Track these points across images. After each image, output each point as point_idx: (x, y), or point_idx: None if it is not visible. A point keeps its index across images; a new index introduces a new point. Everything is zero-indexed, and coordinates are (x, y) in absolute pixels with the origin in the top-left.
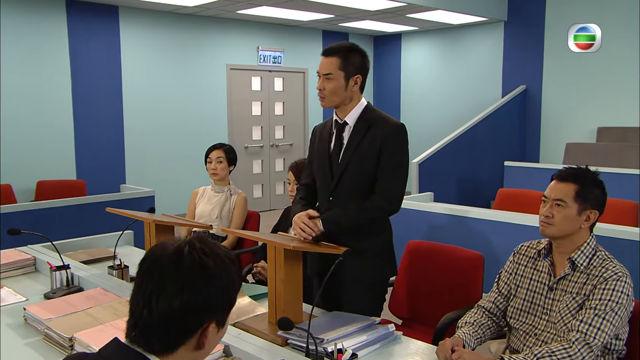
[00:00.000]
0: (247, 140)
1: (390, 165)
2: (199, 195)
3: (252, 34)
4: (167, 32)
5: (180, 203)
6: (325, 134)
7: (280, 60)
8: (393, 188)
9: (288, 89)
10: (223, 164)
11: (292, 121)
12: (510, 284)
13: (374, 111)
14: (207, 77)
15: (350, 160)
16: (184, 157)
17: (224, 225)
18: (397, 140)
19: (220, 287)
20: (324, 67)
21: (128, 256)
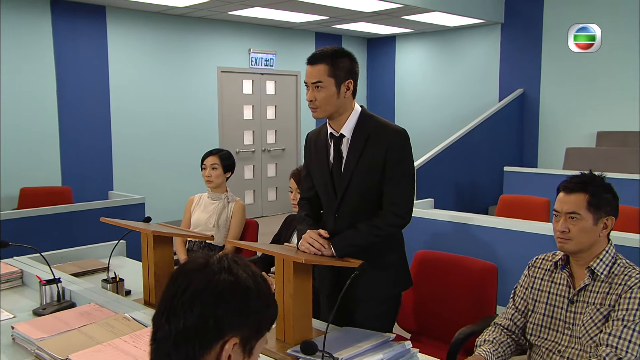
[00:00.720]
0: (239, 145)
1: (395, 175)
2: (195, 203)
3: (243, 36)
4: (156, 33)
5: (171, 210)
6: (322, 145)
7: (272, 63)
8: (401, 200)
9: (280, 93)
10: (218, 170)
11: (284, 125)
12: (527, 299)
13: (371, 118)
14: (197, 80)
15: (353, 175)
16: (174, 162)
17: (221, 234)
18: (401, 148)
19: (252, 305)
20: (311, 75)
21: (121, 268)
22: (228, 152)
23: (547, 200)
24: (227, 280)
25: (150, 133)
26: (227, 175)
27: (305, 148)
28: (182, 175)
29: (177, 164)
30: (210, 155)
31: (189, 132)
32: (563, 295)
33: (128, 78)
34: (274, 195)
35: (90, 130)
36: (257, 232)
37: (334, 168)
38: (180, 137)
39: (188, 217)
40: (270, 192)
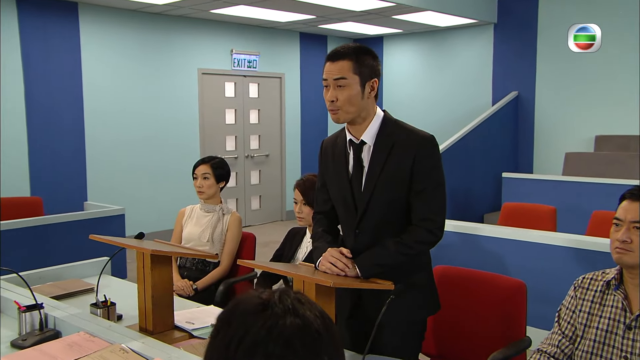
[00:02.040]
0: (221, 150)
1: (426, 187)
2: (186, 215)
3: (225, 36)
4: (133, 32)
5: (151, 222)
6: (339, 154)
7: (255, 64)
8: (433, 215)
9: (264, 96)
10: (210, 180)
11: (268, 130)
12: (574, 323)
13: (396, 123)
14: (177, 82)
15: (376, 187)
16: (152, 170)
17: (215, 249)
18: (430, 157)
19: (323, 353)
20: (333, 72)
21: (107, 288)
22: (221, 160)
23: (553, 209)
24: (294, 324)
25: (127, 138)
26: (220, 185)
27: (319, 156)
28: (162, 184)
29: (156, 172)
30: (202, 164)
31: (169, 138)
32: (618, 319)
33: (103, 80)
34: (258, 203)
35: (61, 135)
36: (255, 246)
37: (354, 179)
38: (159, 143)
39: (179, 231)
40: (254, 201)
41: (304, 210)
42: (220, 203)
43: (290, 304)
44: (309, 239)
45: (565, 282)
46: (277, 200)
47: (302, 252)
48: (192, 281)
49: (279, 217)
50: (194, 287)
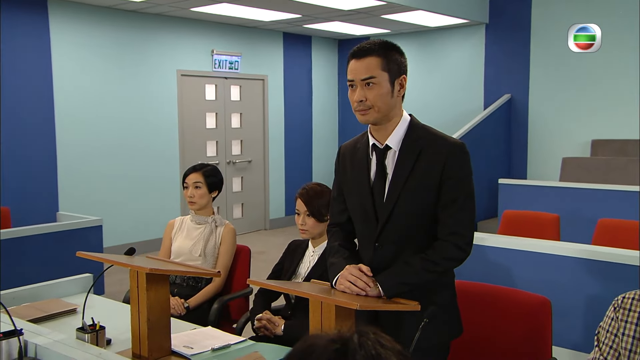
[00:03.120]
0: (201, 156)
1: (456, 198)
2: (176, 227)
3: (205, 36)
4: (107, 30)
5: (128, 233)
6: (360, 160)
7: (237, 65)
8: (463, 228)
9: (246, 99)
10: (202, 190)
11: (250, 135)
12: (618, 348)
13: (424, 128)
14: (154, 84)
15: (400, 197)
16: (129, 177)
17: (208, 264)
18: (461, 165)
19: None
20: (360, 71)
21: (91, 309)
22: (214, 168)
23: (556, 217)
24: None
25: (101, 144)
26: (213, 195)
27: (336, 163)
28: (139, 192)
29: (133, 179)
30: (193, 172)
31: (146, 143)
32: None
33: (75, 81)
34: (240, 212)
35: (30, 140)
36: (250, 260)
37: (376, 187)
38: (135, 149)
39: (168, 245)
40: (236, 209)
41: (308, 222)
42: (213, 214)
43: (372, 348)
44: (312, 252)
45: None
46: (260, 209)
47: (304, 267)
48: (184, 299)
49: (262, 226)
50: (186, 305)
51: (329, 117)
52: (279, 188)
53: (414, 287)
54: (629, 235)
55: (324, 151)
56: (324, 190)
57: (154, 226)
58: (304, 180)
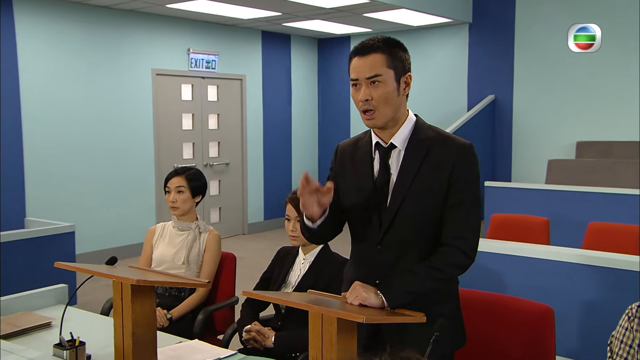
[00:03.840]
0: (177, 159)
1: (463, 201)
2: (157, 234)
3: (181, 34)
4: (78, 27)
5: (100, 239)
6: (362, 159)
7: (214, 65)
8: (469, 233)
9: (224, 99)
10: (184, 194)
11: (228, 137)
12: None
13: (430, 128)
14: (128, 84)
15: (406, 198)
16: (101, 181)
17: (192, 272)
18: (470, 167)
19: None
20: (364, 69)
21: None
22: (197, 171)
23: (546, 220)
24: None
25: (71, 146)
26: (196, 200)
27: (333, 162)
28: (111, 196)
29: (105, 183)
30: (175, 175)
31: (119, 145)
32: None
33: (43, 80)
34: (218, 216)
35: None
36: (235, 267)
37: (379, 187)
38: (108, 151)
39: (149, 253)
40: (213, 213)
41: (299, 228)
42: (196, 220)
43: None
44: (303, 259)
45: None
46: (239, 213)
47: (294, 275)
48: (166, 309)
49: (240, 231)
50: (169, 316)
51: (309, 118)
52: (258, 191)
53: (418, 297)
54: (620, 239)
55: (304, 152)
56: None
57: (128, 232)
58: (284, 183)
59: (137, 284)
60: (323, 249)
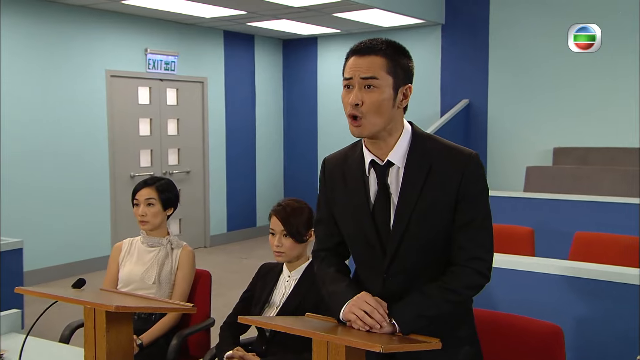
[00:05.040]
0: (134, 167)
1: (475, 218)
2: (124, 251)
3: (138, 33)
4: (22, 23)
5: (50, 255)
6: (354, 178)
7: (173, 66)
8: (483, 252)
9: (184, 103)
10: (155, 207)
11: (189, 143)
12: None
13: (430, 138)
14: (79, 86)
15: (410, 222)
16: (49, 191)
17: (163, 292)
18: (479, 180)
19: None
20: (361, 68)
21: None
22: (168, 182)
23: (530, 230)
24: None
25: (18, 153)
26: (168, 213)
27: (321, 180)
28: (62, 208)
29: (54, 193)
30: (145, 187)
31: (70, 152)
32: None
33: None
34: (177, 228)
35: None
36: (210, 286)
37: (378, 212)
38: (58, 158)
39: (114, 271)
40: (173, 225)
41: (285, 243)
42: (168, 235)
43: None
44: (288, 277)
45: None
46: (200, 224)
47: (279, 294)
48: (135, 334)
49: (202, 244)
50: (139, 342)
51: (274, 123)
52: (220, 201)
53: (433, 321)
54: (608, 249)
55: (269, 159)
56: (303, 207)
57: (81, 247)
58: (248, 192)
59: (116, 310)
60: (310, 264)
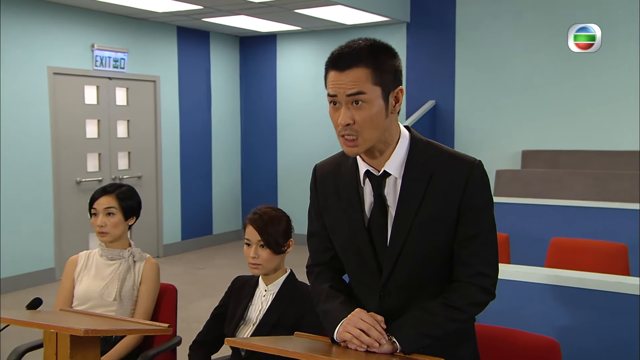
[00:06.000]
0: (80, 172)
1: (479, 232)
2: (80, 265)
3: (84, 27)
4: None
5: None
6: (348, 189)
7: (123, 64)
8: (488, 268)
9: (134, 104)
10: (116, 217)
11: (140, 146)
12: None
13: (429, 144)
14: (18, 84)
15: (409, 237)
16: None
17: (125, 309)
18: (484, 190)
19: None
20: (345, 85)
21: None
22: (130, 189)
23: (505, 236)
24: None
25: None
26: (129, 223)
27: (313, 189)
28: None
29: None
30: (104, 194)
31: (9, 157)
32: None
33: None
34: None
35: None
36: (176, 301)
37: (374, 225)
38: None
39: (69, 288)
40: None
41: (262, 254)
42: (130, 246)
43: None
44: (264, 291)
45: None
46: (152, 232)
47: (255, 310)
48: None
49: (154, 253)
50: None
51: (231, 125)
52: (174, 208)
53: (436, 340)
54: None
55: (225, 164)
56: (281, 215)
57: (21, 260)
58: (204, 198)
59: (85, 335)
60: (288, 277)
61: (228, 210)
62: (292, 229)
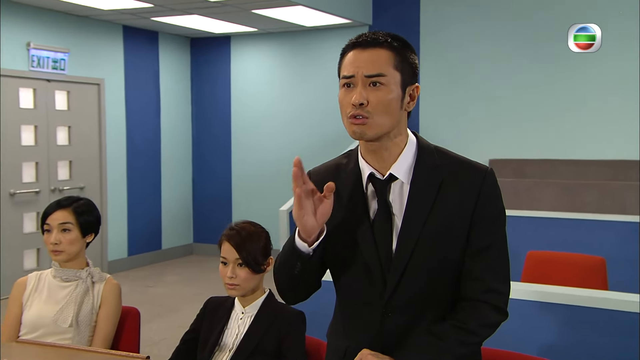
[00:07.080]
0: (14, 183)
1: (491, 245)
2: (30, 288)
3: (19, 24)
4: None
5: None
6: (349, 194)
7: (63, 65)
8: (501, 284)
9: (76, 108)
10: (72, 233)
11: (82, 155)
12: None
13: (438, 150)
14: None
15: (417, 245)
16: None
17: (82, 336)
18: (497, 201)
19: None
20: (367, 64)
21: None
22: (88, 202)
23: None
24: None
25: None
26: (87, 240)
27: None
28: None
29: None
30: (58, 209)
31: None
32: None
33: None
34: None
35: None
36: (139, 325)
37: (379, 233)
38: None
39: (16, 314)
40: None
41: (240, 273)
42: (88, 266)
43: None
44: (241, 313)
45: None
46: (96, 247)
47: (231, 334)
48: None
49: None
50: None
51: (181, 132)
52: (120, 221)
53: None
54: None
55: (176, 173)
56: (260, 231)
57: None
58: (152, 210)
59: None
60: (267, 298)
61: (178, 223)
62: (271, 245)
